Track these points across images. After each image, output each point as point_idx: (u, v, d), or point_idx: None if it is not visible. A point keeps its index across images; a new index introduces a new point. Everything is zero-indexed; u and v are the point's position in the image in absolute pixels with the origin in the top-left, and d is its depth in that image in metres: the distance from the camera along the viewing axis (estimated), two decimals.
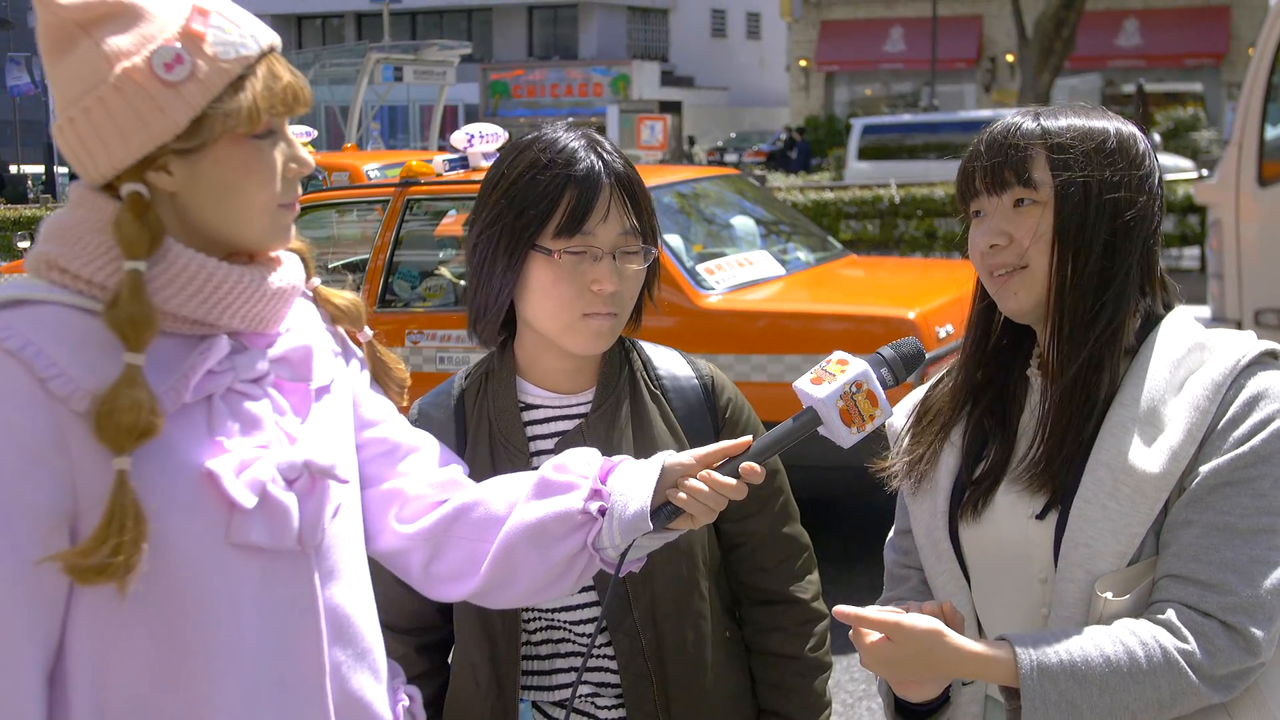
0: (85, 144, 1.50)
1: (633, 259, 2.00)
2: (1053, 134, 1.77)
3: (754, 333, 6.09)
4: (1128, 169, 1.77)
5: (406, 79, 23.07)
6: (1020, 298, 1.79)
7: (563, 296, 1.96)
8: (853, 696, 4.98)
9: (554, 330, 2.00)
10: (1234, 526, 1.66)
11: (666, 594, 2.08)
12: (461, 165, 6.93)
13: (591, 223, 1.95)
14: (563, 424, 2.09)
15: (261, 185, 1.55)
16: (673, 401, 2.12)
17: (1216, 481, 1.68)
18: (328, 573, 1.62)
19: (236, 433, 1.54)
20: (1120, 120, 1.82)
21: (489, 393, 2.11)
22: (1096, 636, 1.65)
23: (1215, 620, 1.64)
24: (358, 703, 1.65)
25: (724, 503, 1.72)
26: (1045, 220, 1.76)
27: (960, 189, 1.85)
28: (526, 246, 1.95)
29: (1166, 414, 1.72)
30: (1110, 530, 1.70)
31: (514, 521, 1.74)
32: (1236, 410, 1.70)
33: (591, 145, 2.00)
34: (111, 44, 1.48)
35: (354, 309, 1.79)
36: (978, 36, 36.16)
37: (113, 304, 1.46)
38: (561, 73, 44.40)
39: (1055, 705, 1.61)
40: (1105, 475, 1.71)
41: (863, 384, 1.72)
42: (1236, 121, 8.62)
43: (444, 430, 2.10)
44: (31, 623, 1.44)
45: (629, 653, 2.06)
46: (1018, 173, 1.77)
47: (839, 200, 15.40)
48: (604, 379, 2.09)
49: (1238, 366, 1.73)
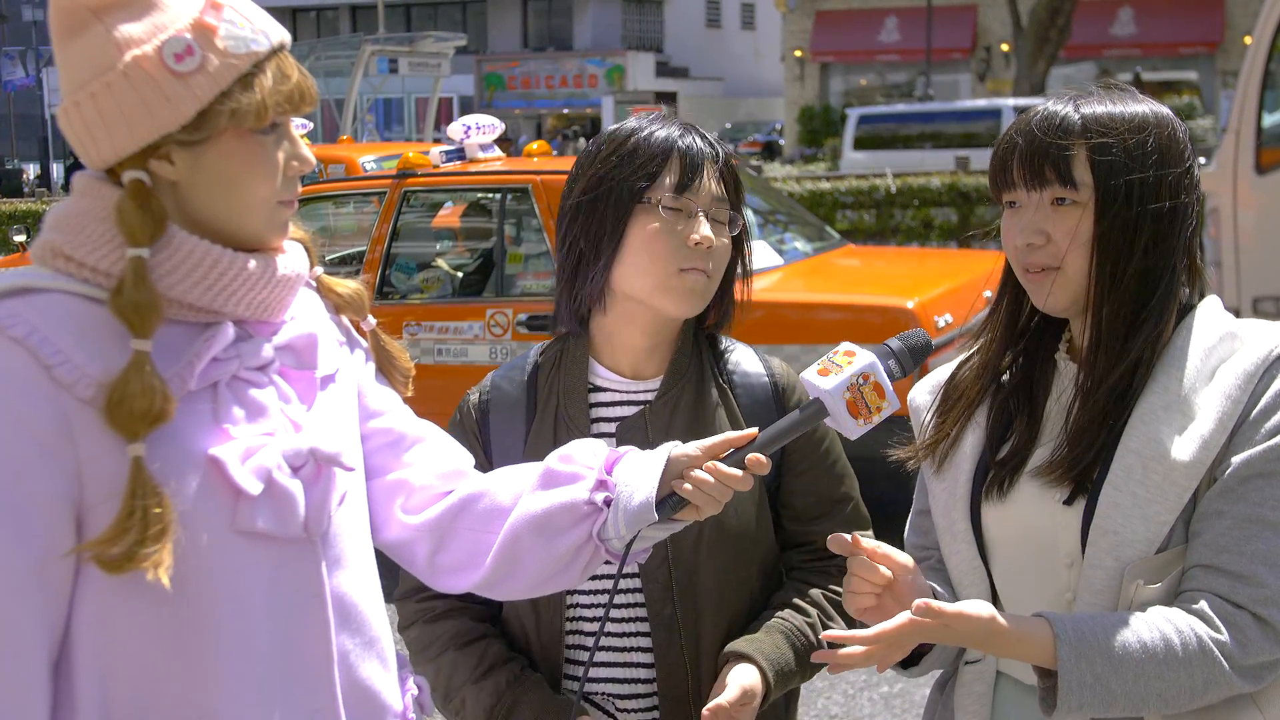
0: (90, 128, 1.50)
1: (723, 227, 2.03)
2: (1094, 130, 1.73)
3: (752, 323, 6.05)
4: (1170, 167, 1.74)
5: (401, 71, 23.08)
6: (1056, 297, 1.77)
7: (660, 251, 1.98)
8: (854, 687, 4.98)
9: (648, 288, 2.01)
10: (1266, 519, 1.65)
11: (711, 586, 2.05)
12: (458, 157, 6.93)
13: (697, 183, 1.99)
14: (627, 409, 2.09)
15: (262, 180, 1.55)
16: (740, 397, 2.12)
17: (1249, 473, 1.67)
18: (334, 560, 1.62)
19: (242, 420, 1.54)
20: (1156, 105, 1.78)
21: (561, 368, 2.11)
22: (1134, 622, 1.64)
23: (1247, 612, 1.64)
24: (366, 690, 1.65)
25: (729, 494, 1.71)
26: (1085, 222, 1.73)
27: (995, 178, 1.81)
28: (634, 201, 1.99)
29: (1198, 402, 1.71)
30: (1140, 517, 1.70)
31: (519, 512, 1.74)
32: (1268, 401, 1.69)
33: (688, 128, 2.06)
34: (123, 31, 1.48)
35: (358, 298, 1.79)
36: (972, 26, 36.13)
37: (117, 291, 1.46)
38: (556, 64, 44.40)
39: (1090, 688, 1.61)
40: (1135, 463, 1.70)
41: (870, 375, 1.71)
42: (1234, 109, 8.61)
43: (514, 404, 2.11)
44: (36, 612, 1.43)
45: (666, 644, 2.03)
46: (1059, 171, 1.73)
47: (835, 190, 15.40)
48: (674, 367, 2.09)
49: (1270, 356, 1.71)
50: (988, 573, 1.88)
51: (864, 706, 4.85)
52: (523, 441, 2.07)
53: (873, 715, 4.79)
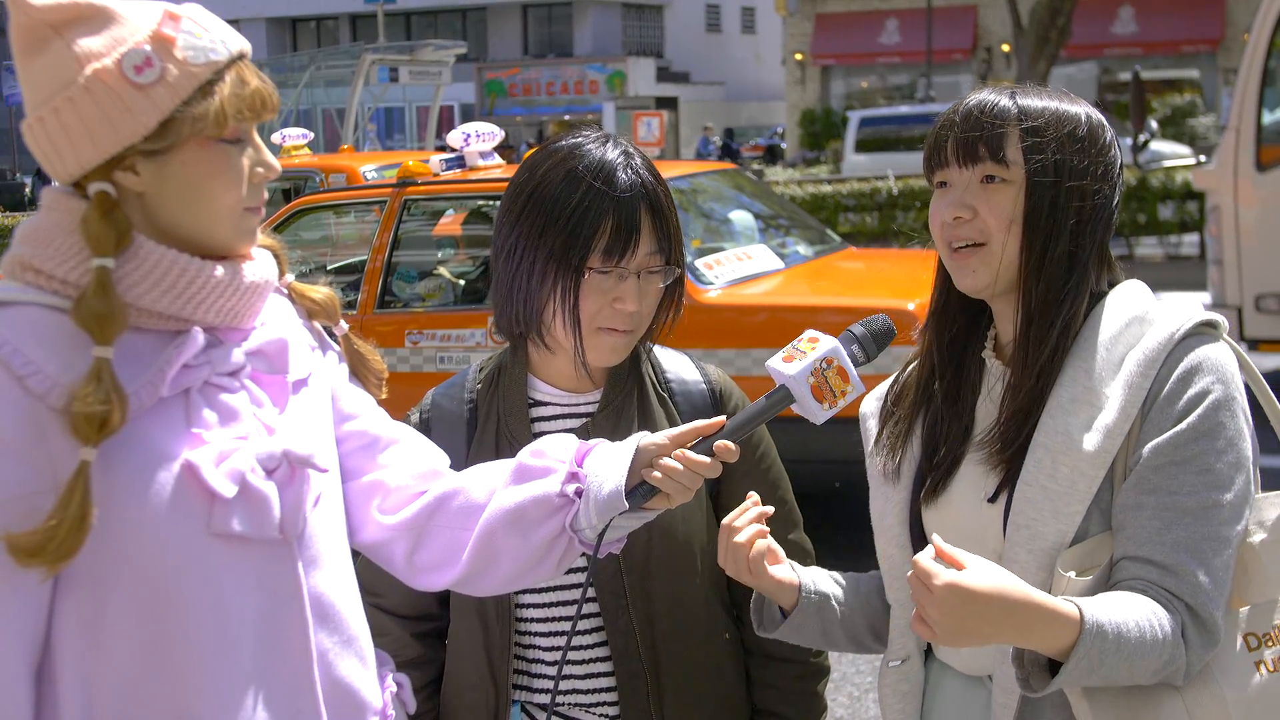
0: (54, 143, 1.52)
1: (655, 277, 2.02)
2: (1028, 115, 1.78)
3: (753, 327, 6.08)
4: (1096, 156, 1.79)
5: (402, 80, 23.10)
6: (978, 274, 1.80)
7: (586, 311, 1.99)
8: (859, 690, 4.98)
9: (569, 339, 2.02)
10: (1183, 505, 1.67)
11: (664, 592, 2.08)
12: (458, 165, 6.93)
13: (630, 249, 1.97)
14: (569, 422, 2.10)
15: (227, 188, 1.57)
16: (680, 405, 2.14)
17: (1160, 461, 1.68)
18: (310, 561, 1.63)
19: (215, 424, 1.56)
20: (1090, 106, 1.84)
21: (500, 387, 2.13)
22: (1127, 604, 1.63)
23: (1182, 602, 1.65)
24: (346, 689, 1.67)
25: (699, 481, 1.73)
26: (1013, 201, 1.77)
27: (928, 158, 1.85)
28: (576, 272, 1.97)
29: (1106, 392, 1.73)
30: (1050, 511, 1.71)
31: (493, 508, 1.76)
32: (1172, 386, 1.70)
33: (628, 160, 2.01)
34: (82, 45, 1.50)
35: (329, 303, 1.81)
36: (973, 27, 36.13)
37: (80, 300, 1.48)
38: (557, 70, 44.40)
39: (1085, 661, 1.58)
40: (1044, 456, 1.72)
41: (833, 360, 1.74)
42: (1234, 107, 8.62)
43: (454, 421, 2.13)
44: (14, 619, 1.45)
45: (623, 649, 2.06)
46: (991, 149, 1.78)
47: (837, 193, 15.42)
48: (612, 380, 2.11)
49: (1172, 339, 1.73)
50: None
51: (869, 709, 4.85)
52: (464, 459, 2.07)
53: (877, 718, 4.79)
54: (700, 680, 2.11)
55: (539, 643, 2.11)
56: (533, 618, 2.10)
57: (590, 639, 2.09)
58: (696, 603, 2.12)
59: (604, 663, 2.09)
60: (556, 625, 2.10)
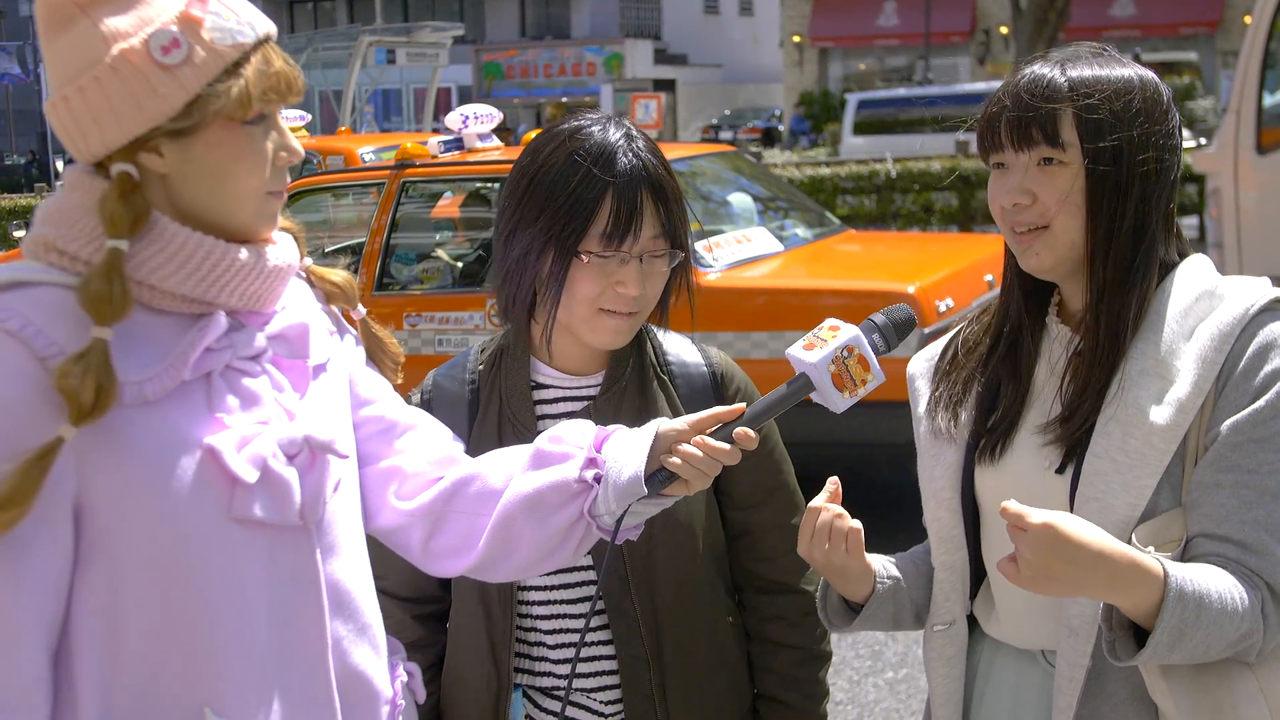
0: (78, 122, 1.51)
1: (660, 260, 2.01)
2: (1080, 91, 1.74)
3: (753, 309, 6.07)
4: (1155, 124, 1.76)
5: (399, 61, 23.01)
6: (1041, 257, 1.77)
7: (583, 295, 1.98)
8: (858, 674, 4.98)
9: (573, 322, 2.02)
10: (1263, 484, 1.66)
11: (667, 577, 2.08)
12: (456, 146, 6.92)
13: (631, 232, 1.96)
14: (571, 405, 2.10)
15: (251, 170, 1.56)
16: (680, 388, 2.13)
17: (1239, 439, 1.66)
18: (328, 548, 1.63)
19: (236, 409, 1.56)
20: (1140, 68, 1.80)
21: (502, 369, 2.12)
22: (1208, 572, 1.62)
23: (1262, 580, 1.64)
24: (359, 676, 1.67)
25: (718, 467, 1.73)
26: (1074, 181, 1.74)
27: (982, 140, 1.82)
28: (570, 254, 1.96)
29: (1177, 365, 1.71)
30: (1120, 484, 1.70)
31: (511, 494, 1.75)
32: (1248, 361, 1.69)
33: (629, 142, 2.00)
34: (109, 24, 1.49)
35: (348, 287, 1.80)
36: (971, 9, 36.04)
37: (84, 281, 1.47)
38: (555, 53, 44.32)
39: (1173, 620, 1.57)
40: (1115, 429, 1.71)
41: (854, 349, 1.73)
42: (1234, 90, 8.61)
43: (456, 403, 2.12)
44: (33, 603, 1.45)
45: (626, 634, 2.06)
46: (1046, 132, 1.74)
47: (835, 176, 15.37)
48: (614, 363, 2.10)
49: (1247, 315, 1.71)
50: (965, 543, 1.88)
51: (869, 692, 4.85)
52: (465, 440, 2.05)
53: (877, 701, 4.80)
54: (703, 665, 2.11)
55: (541, 626, 2.10)
56: (535, 600, 2.10)
57: (593, 622, 2.08)
58: (699, 586, 2.11)
59: (606, 646, 2.09)
60: (559, 609, 2.10)
